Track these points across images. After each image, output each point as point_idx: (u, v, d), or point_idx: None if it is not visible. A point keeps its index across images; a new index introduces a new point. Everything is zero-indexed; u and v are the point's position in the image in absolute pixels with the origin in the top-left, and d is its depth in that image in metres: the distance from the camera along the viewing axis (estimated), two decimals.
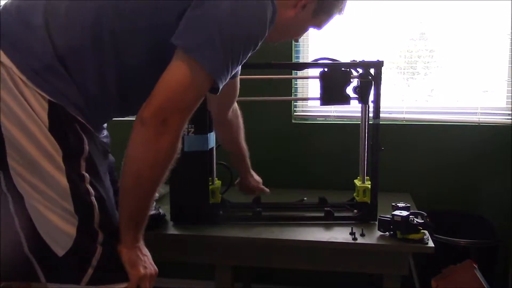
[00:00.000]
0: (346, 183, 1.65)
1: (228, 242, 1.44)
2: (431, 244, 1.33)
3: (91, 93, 0.99)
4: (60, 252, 0.96)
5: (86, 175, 0.98)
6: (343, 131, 1.97)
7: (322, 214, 1.52)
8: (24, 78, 0.92)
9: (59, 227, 0.95)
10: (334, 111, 2.03)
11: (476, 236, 1.76)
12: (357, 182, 1.57)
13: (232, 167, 1.62)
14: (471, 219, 1.91)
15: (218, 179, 1.59)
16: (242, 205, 1.62)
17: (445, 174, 1.96)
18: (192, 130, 1.43)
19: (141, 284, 1.01)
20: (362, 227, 1.43)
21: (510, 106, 1.93)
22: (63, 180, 0.95)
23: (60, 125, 0.95)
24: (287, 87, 2.04)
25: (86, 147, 0.97)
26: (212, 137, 1.51)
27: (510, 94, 1.93)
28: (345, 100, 1.48)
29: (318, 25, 1.19)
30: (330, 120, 2.05)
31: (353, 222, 1.50)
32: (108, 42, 0.99)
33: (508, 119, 1.92)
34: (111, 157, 1.23)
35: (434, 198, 1.95)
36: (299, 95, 2.11)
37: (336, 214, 1.52)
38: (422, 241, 1.34)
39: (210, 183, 1.51)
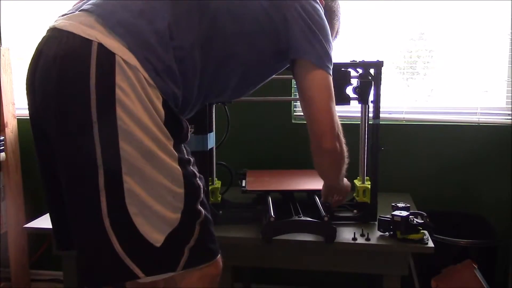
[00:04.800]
0: None
1: (228, 242, 1.44)
2: (431, 244, 1.33)
3: (188, 93, 1.06)
4: (159, 241, 0.98)
5: (191, 158, 1.07)
6: (343, 131, 1.97)
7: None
8: (147, 76, 0.96)
9: (162, 215, 0.99)
10: None
11: (476, 236, 1.76)
12: (357, 182, 1.57)
13: (231, 168, 1.62)
14: (471, 219, 1.91)
15: (218, 179, 1.59)
16: (242, 205, 1.62)
17: (445, 174, 1.96)
18: (192, 130, 1.43)
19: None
20: (362, 227, 1.43)
21: (510, 106, 1.93)
22: (176, 166, 1.00)
23: (172, 117, 1.01)
24: (287, 87, 2.03)
25: (189, 134, 1.07)
26: (212, 137, 1.50)
27: (510, 94, 1.93)
28: (345, 100, 1.48)
29: None
30: None
31: (353, 222, 1.50)
32: (217, 44, 1.06)
33: (508, 119, 1.92)
34: None
35: (434, 198, 1.95)
36: None
37: (336, 214, 1.52)
38: (422, 241, 1.34)
39: (210, 183, 1.51)
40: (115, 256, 0.97)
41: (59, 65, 0.94)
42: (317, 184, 1.53)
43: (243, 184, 1.66)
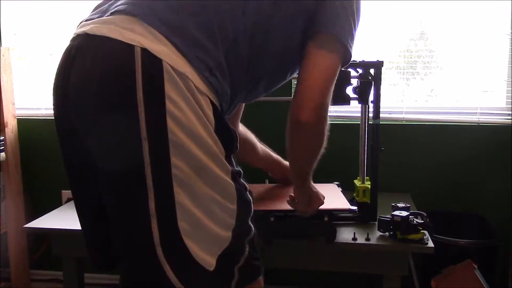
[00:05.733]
0: (346, 183, 1.64)
1: None
2: (431, 244, 1.33)
3: (233, 90, 0.98)
4: (211, 264, 0.91)
5: (240, 170, 0.98)
6: (343, 131, 1.97)
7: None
8: (198, 83, 0.87)
9: (214, 234, 0.91)
10: (334, 111, 2.03)
11: (476, 236, 1.76)
12: (357, 182, 1.57)
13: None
14: (471, 219, 1.91)
15: None
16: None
17: (445, 174, 1.96)
18: None
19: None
20: (362, 228, 1.43)
21: (510, 106, 1.93)
22: (229, 180, 0.93)
23: (221, 124, 0.92)
24: (287, 87, 2.03)
25: (237, 144, 0.97)
26: None
27: (510, 94, 1.93)
28: (345, 100, 1.48)
29: None
30: (330, 120, 2.03)
31: (353, 222, 1.50)
32: (259, 30, 0.97)
33: (507, 119, 1.92)
34: None
35: (434, 198, 1.95)
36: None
37: (335, 214, 1.52)
38: (422, 241, 1.34)
39: None
40: (170, 285, 0.89)
41: (100, 78, 0.85)
42: (325, 202, 1.41)
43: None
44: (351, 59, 1.10)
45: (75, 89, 0.90)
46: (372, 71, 1.47)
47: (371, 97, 1.49)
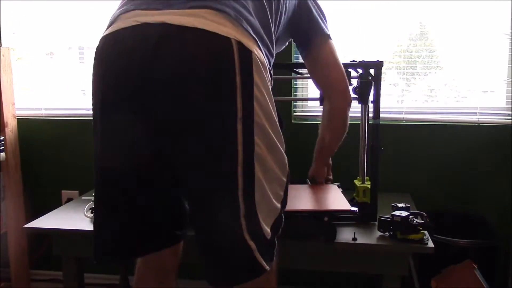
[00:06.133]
0: (346, 183, 1.64)
1: None
2: (431, 244, 1.33)
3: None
4: (268, 233, 1.01)
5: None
6: None
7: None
8: (268, 67, 1.03)
9: (272, 205, 1.02)
10: None
11: (476, 236, 1.76)
12: (357, 182, 1.57)
13: None
14: (471, 219, 1.91)
15: None
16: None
17: (445, 174, 1.96)
18: None
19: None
20: (362, 228, 1.43)
21: (510, 106, 1.94)
22: (285, 155, 1.06)
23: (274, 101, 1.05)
24: (287, 87, 2.03)
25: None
26: None
27: (510, 94, 1.93)
28: None
29: None
30: None
31: (353, 222, 1.50)
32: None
33: (507, 119, 1.92)
34: None
35: (434, 198, 1.95)
36: (299, 95, 2.11)
37: (335, 214, 1.52)
38: (422, 241, 1.34)
39: None
40: (249, 252, 0.98)
41: (201, 64, 0.92)
42: (325, 202, 1.48)
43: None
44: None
45: (168, 81, 0.93)
46: (372, 71, 1.47)
47: (371, 97, 1.49)
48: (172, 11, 0.96)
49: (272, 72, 1.08)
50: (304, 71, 1.60)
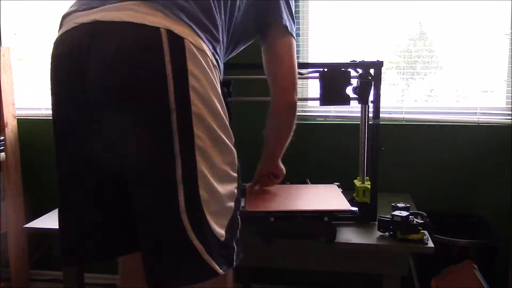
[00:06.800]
0: (346, 183, 1.65)
1: None
2: (431, 244, 1.33)
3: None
4: (222, 235, 0.97)
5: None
6: (343, 131, 1.97)
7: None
8: (212, 59, 0.97)
9: (225, 204, 0.99)
10: (334, 111, 2.03)
11: (476, 236, 1.76)
12: (357, 182, 1.57)
13: None
14: (471, 219, 1.91)
15: None
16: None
17: (445, 174, 1.96)
18: None
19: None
20: (362, 228, 1.43)
21: (510, 106, 1.94)
22: (234, 150, 1.02)
23: (225, 99, 1.01)
24: None
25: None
26: None
27: (510, 94, 1.94)
28: (345, 100, 1.48)
29: None
30: (330, 120, 2.04)
31: (353, 222, 1.50)
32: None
33: (507, 119, 1.92)
34: None
35: (434, 198, 1.95)
36: (299, 95, 2.09)
37: (335, 214, 1.52)
38: (422, 241, 1.34)
39: None
40: (195, 253, 0.94)
41: (129, 57, 0.90)
42: (325, 202, 1.47)
43: (242, 204, 1.58)
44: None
45: (100, 77, 0.92)
46: (372, 71, 1.47)
47: (371, 97, 1.49)
48: (104, 7, 0.95)
49: (219, 59, 1.02)
50: (304, 71, 1.60)
